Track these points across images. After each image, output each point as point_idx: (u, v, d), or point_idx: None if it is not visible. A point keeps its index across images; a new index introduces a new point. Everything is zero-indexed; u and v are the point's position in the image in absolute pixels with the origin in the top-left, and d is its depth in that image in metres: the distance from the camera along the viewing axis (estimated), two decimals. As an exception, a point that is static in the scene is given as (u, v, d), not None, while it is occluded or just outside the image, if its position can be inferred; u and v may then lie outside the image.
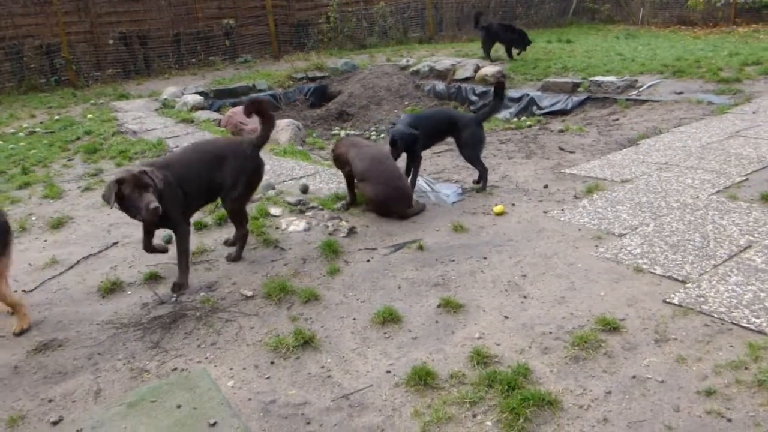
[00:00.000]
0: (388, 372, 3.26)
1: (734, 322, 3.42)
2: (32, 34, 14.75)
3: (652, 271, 4.05)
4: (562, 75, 11.41)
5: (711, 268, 4.01)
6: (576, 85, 10.55)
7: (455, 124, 5.90)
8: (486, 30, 13.55)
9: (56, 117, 11.23)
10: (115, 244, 5.30)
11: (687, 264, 4.09)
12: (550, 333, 3.48)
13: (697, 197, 5.22)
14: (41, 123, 10.88)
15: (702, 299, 3.65)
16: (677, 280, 3.91)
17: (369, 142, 5.38)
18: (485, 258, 4.44)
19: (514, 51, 13.66)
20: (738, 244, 4.32)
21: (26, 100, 13.35)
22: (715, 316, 3.48)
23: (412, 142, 5.62)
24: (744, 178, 5.61)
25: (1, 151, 8.89)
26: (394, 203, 5.18)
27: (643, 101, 9.44)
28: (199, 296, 4.23)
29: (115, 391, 3.30)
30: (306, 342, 3.54)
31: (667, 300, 3.69)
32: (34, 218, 6.10)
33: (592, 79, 10.60)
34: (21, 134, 10.07)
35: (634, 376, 3.04)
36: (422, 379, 3.11)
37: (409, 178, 5.74)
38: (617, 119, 8.91)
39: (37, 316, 4.17)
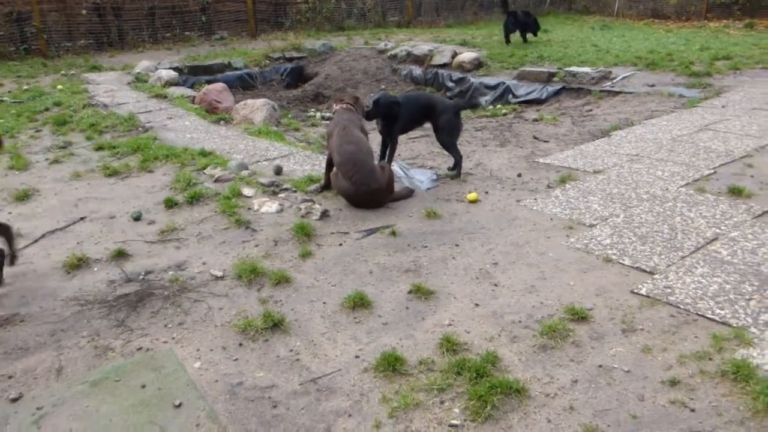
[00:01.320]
0: (357, 357, 3.25)
1: (699, 313, 3.47)
2: (2, 1, 14.32)
3: (621, 261, 4.10)
4: (538, 64, 11.44)
5: (678, 260, 4.07)
6: (551, 75, 10.59)
7: (434, 108, 5.88)
8: (513, 16, 14.04)
9: (25, 86, 10.95)
10: (82, 218, 5.19)
11: (655, 255, 4.14)
12: (520, 321, 3.50)
13: (667, 189, 5.28)
14: (9, 92, 10.59)
15: (669, 290, 3.71)
16: (645, 271, 3.96)
17: (357, 132, 5.22)
18: (457, 245, 4.44)
19: (527, 36, 14.27)
20: (705, 236, 4.39)
21: (-7, 69, 12.98)
22: (681, 307, 3.54)
23: (393, 110, 5.63)
24: (712, 171, 5.70)
25: (-34, 121, 8.64)
26: (364, 203, 5.12)
27: (617, 93, 9.53)
28: (167, 275, 4.17)
29: (78, 368, 3.24)
30: (275, 324, 3.51)
31: (635, 290, 3.74)
32: (-2, 190, 5.95)
33: (567, 69, 10.65)
34: (-13, 103, 9.79)
35: (600, 366, 3.08)
36: (391, 364, 3.11)
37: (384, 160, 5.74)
38: (591, 110, 8.98)
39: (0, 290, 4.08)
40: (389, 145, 5.82)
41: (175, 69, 12.27)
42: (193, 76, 12.57)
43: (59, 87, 10.63)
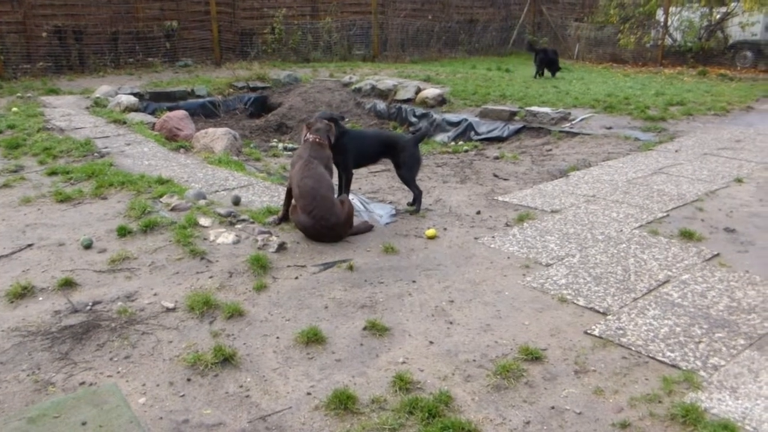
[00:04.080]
0: (309, 394, 3.18)
1: (650, 355, 3.51)
2: (-41, 21, 14.05)
3: (575, 302, 4.13)
4: (500, 103, 11.65)
5: (631, 301, 4.12)
6: (513, 114, 10.78)
7: (394, 145, 5.90)
8: (544, 53, 15.69)
9: (-23, 108, 10.67)
10: (30, 246, 5.02)
11: (609, 296, 4.19)
12: (474, 360, 3.48)
13: (621, 231, 5.38)
14: (-40, 113, 10.30)
15: (621, 332, 3.74)
16: (598, 311, 4.00)
17: (320, 167, 5.17)
18: (414, 281, 4.43)
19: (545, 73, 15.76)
20: (657, 278, 4.46)
21: (-54, 88, 12.65)
22: (633, 348, 3.57)
23: (337, 121, 5.70)
24: (665, 214, 5.83)
25: None
26: (322, 237, 5.08)
27: (575, 134, 9.74)
28: (116, 306, 4.04)
29: (16, 404, 3.10)
30: (226, 359, 3.43)
31: (588, 331, 3.76)
32: (-58, 214, 5.74)
33: (528, 108, 10.86)
34: (-63, 124, 9.50)
35: (552, 407, 3.07)
36: (343, 402, 3.05)
37: (341, 193, 5.72)
38: (550, 149, 9.15)
39: (-63, 320, 3.90)
40: (344, 177, 5.81)
41: (136, 95, 12.12)
42: (155, 103, 12.41)
43: (14, 109, 10.38)
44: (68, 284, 4.33)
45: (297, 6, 18.84)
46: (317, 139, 5.32)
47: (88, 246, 4.95)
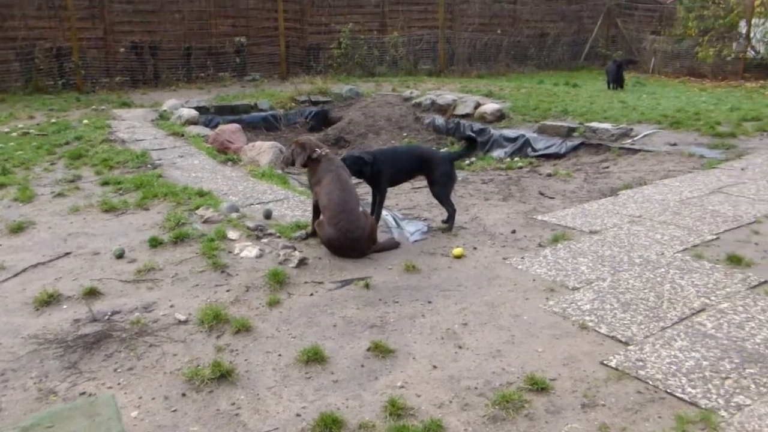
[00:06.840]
0: (298, 416, 3.12)
1: (668, 390, 3.26)
2: (45, 37, 14.93)
3: (597, 329, 3.89)
4: (560, 118, 11.31)
5: (658, 331, 3.85)
6: (571, 130, 10.43)
7: (428, 161, 5.80)
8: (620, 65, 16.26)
9: (53, 120, 11.25)
10: (67, 254, 5.20)
11: (634, 324, 3.93)
12: (476, 388, 3.32)
13: (662, 254, 5.06)
14: (37, 125, 10.89)
15: (641, 363, 3.49)
16: (620, 341, 3.75)
17: (349, 180, 5.24)
18: (430, 302, 4.30)
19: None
20: (692, 306, 4.16)
21: (30, 101, 13.43)
22: (650, 382, 3.32)
23: (362, 169, 5.54)
24: (715, 236, 5.45)
25: (-11, 151, 8.89)
26: (346, 251, 5.04)
27: (636, 150, 9.32)
28: (132, 316, 4.11)
29: (16, 412, 3.18)
30: (223, 375, 3.41)
31: (605, 362, 3.53)
32: (-3, 221, 6.04)
33: (587, 124, 10.48)
34: (14, 134, 10.08)
35: (548, 443, 2.89)
36: (328, 426, 2.97)
37: (374, 212, 5.65)
38: (608, 167, 8.79)
39: (-32, 324, 4.08)
40: (377, 197, 5.71)
41: (201, 108, 12.50)
42: (219, 116, 12.74)
43: (85, 121, 10.90)
44: (92, 293, 4.44)
45: (365, 21, 19.00)
46: (328, 152, 5.32)
47: (119, 256, 5.08)
